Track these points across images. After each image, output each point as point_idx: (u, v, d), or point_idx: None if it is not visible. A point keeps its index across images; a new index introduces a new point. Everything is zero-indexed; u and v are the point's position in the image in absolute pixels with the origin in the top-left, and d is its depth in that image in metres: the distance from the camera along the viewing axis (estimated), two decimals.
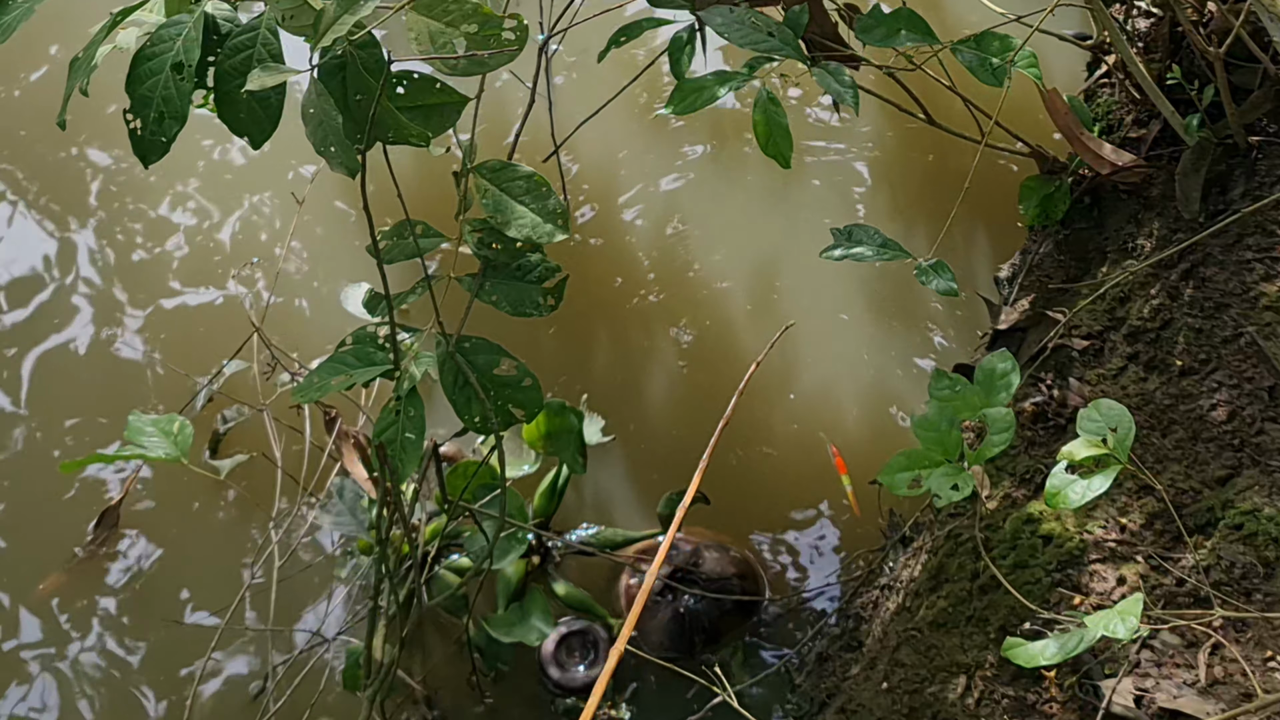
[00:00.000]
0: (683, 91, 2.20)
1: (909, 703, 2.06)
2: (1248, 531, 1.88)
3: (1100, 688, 1.83)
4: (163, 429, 2.32)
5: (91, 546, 2.63)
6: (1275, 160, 2.26)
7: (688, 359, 2.84)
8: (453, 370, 1.77)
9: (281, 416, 2.68)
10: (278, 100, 1.62)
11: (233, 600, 2.46)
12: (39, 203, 3.12)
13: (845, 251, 2.16)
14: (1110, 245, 2.46)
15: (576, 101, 3.09)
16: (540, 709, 2.45)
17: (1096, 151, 2.42)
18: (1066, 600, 1.95)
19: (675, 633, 2.43)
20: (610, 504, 2.68)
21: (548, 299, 1.81)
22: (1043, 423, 2.24)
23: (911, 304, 2.83)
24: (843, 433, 2.70)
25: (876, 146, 3.06)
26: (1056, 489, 1.81)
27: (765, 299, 2.89)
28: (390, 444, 1.77)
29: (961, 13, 3.17)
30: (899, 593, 2.28)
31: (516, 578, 2.52)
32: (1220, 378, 2.08)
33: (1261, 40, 2.24)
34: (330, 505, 2.54)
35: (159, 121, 1.58)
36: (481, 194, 1.70)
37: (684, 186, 3.06)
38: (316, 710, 2.35)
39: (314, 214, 3.00)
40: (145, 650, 2.54)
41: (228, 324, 2.86)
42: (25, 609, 2.59)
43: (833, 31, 2.30)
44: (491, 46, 1.53)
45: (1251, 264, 2.16)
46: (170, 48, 1.58)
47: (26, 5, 1.65)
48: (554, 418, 2.43)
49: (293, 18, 1.57)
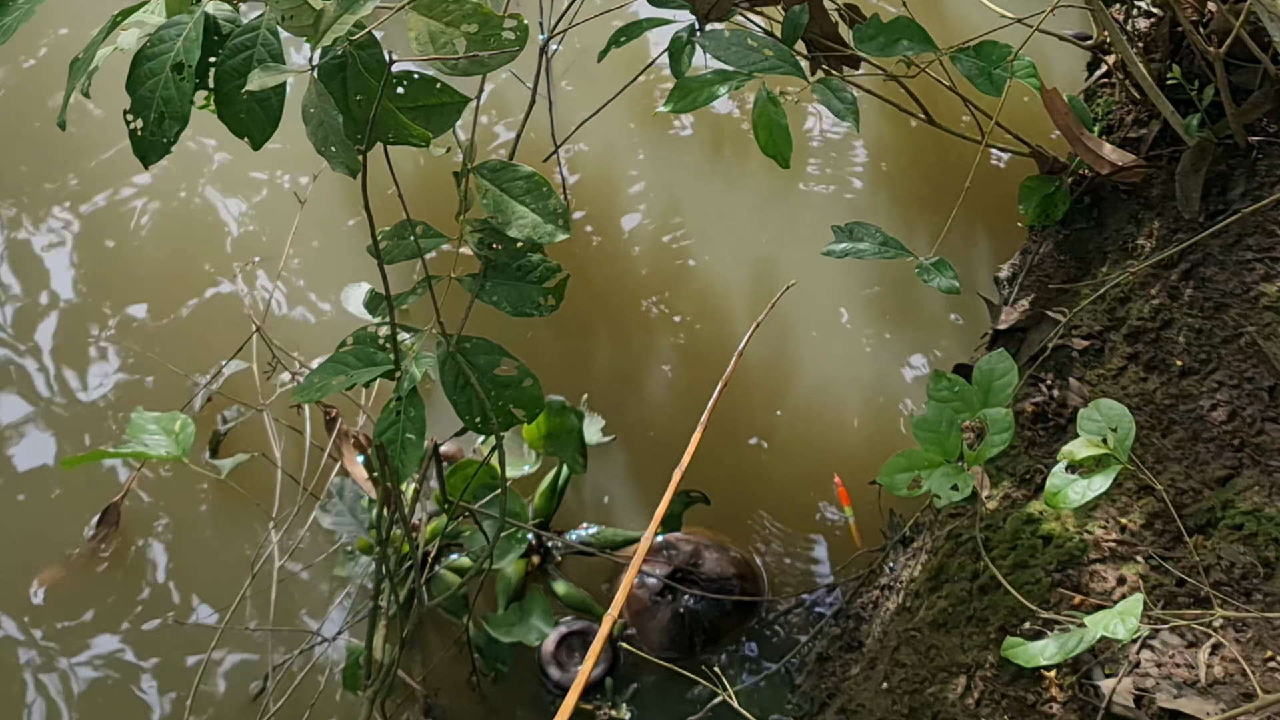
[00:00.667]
0: (682, 90, 2.20)
1: (909, 703, 2.06)
2: (1248, 531, 1.89)
3: (1100, 688, 1.83)
4: (165, 427, 2.33)
5: (92, 544, 2.63)
6: (1275, 160, 2.26)
7: (688, 358, 2.84)
8: (453, 370, 1.77)
9: (281, 416, 2.68)
10: (278, 101, 1.62)
11: (233, 600, 2.46)
12: (38, 201, 3.11)
13: (846, 248, 2.16)
14: (1110, 245, 2.46)
15: (578, 102, 3.09)
16: (540, 709, 2.45)
17: (1096, 151, 2.42)
18: (1066, 600, 1.95)
19: (675, 633, 2.43)
20: (610, 504, 2.68)
21: (548, 299, 1.81)
22: (1043, 423, 2.24)
23: (911, 305, 2.83)
24: (842, 433, 2.70)
25: (877, 146, 3.06)
26: (1056, 489, 1.81)
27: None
28: (390, 444, 1.77)
29: (962, 14, 3.16)
30: (899, 593, 2.28)
31: (516, 577, 2.52)
32: (1220, 378, 2.08)
33: (1261, 40, 2.24)
34: (330, 505, 2.54)
35: (159, 122, 1.58)
36: (482, 194, 1.70)
37: (685, 186, 3.06)
38: (316, 710, 2.35)
39: (315, 213, 2.99)
40: (145, 649, 2.54)
41: (227, 324, 2.86)
42: (23, 605, 2.59)
43: (833, 31, 2.30)
44: (492, 46, 1.53)
45: (1251, 264, 2.16)
46: (170, 48, 1.58)
47: (26, 6, 1.65)
48: (554, 417, 2.43)
49: (292, 18, 1.57)
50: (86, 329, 2.91)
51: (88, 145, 3.17)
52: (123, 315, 2.93)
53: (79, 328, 2.92)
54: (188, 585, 2.61)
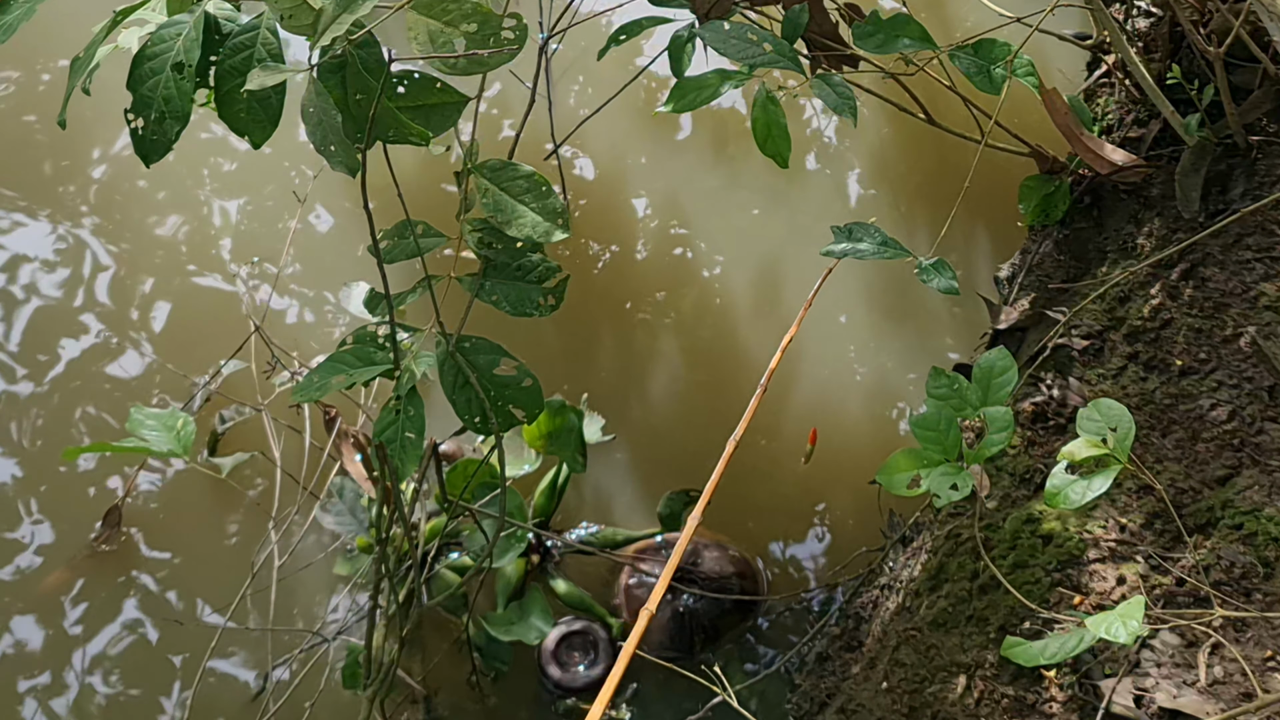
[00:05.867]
0: (682, 89, 2.20)
1: (909, 702, 2.06)
2: (1248, 531, 1.89)
3: (1100, 688, 1.83)
4: (165, 423, 2.33)
5: (94, 544, 2.63)
6: (1275, 160, 2.26)
7: (689, 357, 2.84)
8: (453, 370, 1.77)
9: (281, 416, 2.68)
10: (278, 99, 1.62)
11: (233, 599, 2.46)
12: (38, 201, 3.11)
13: (846, 249, 2.16)
14: (1110, 245, 2.46)
15: (579, 101, 3.09)
16: (540, 709, 2.45)
17: (1096, 151, 2.42)
18: (1066, 600, 1.95)
19: (675, 632, 2.43)
20: (610, 503, 2.68)
21: (548, 299, 1.81)
22: (1042, 422, 2.24)
23: (911, 305, 2.83)
24: (843, 433, 2.70)
25: (878, 146, 3.06)
26: (1056, 489, 1.81)
27: (766, 298, 2.89)
28: (390, 443, 1.76)
29: (962, 13, 3.16)
30: (899, 592, 2.28)
31: (516, 577, 2.52)
32: (1220, 378, 2.08)
33: (1261, 40, 2.24)
34: (330, 505, 2.54)
35: (160, 121, 1.58)
36: (482, 193, 1.70)
37: (685, 186, 3.05)
38: (316, 710, 2.35)
39: (315, 213, 2.99)
40: (145, 649, 2.54)
41: (227, 323, 2.86)
42: (28, 606, 2.59)
43: (833, 31, 2.30)
44: (491, 46, 1.53)
45: (1251, 264, 2.16)
46: (171, 47, 1.58)
47: (28, 5, 1.65)
48: (554, 417, 2.43)
49: (291, 17, 1.57)
50: (85, 327, 2.91)
51: (86, 147, 3.17)
52: (122, 314, 2.93)
53: (78, 326, 2.91)
54: (188, 585, 2.61)
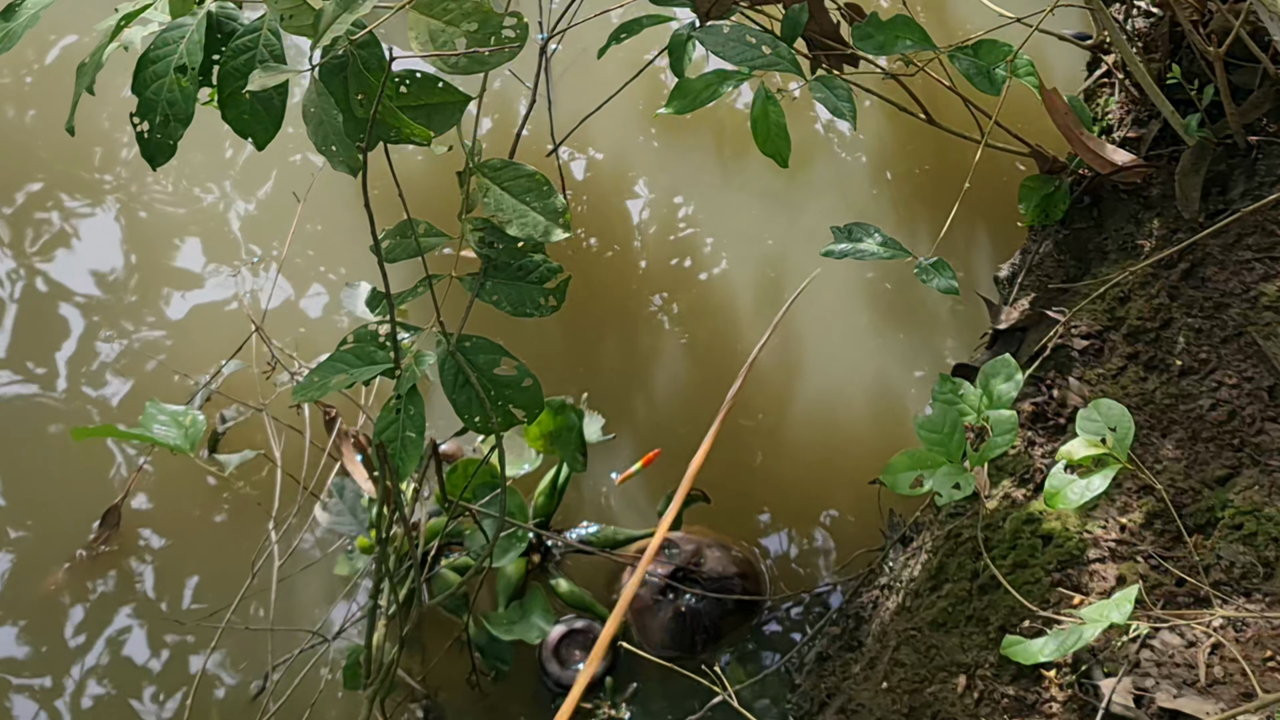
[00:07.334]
0: (683, 90, 2.20)
1: (909, 702, 2.06)
2: (1248, 531, 1.89)
3: (1100, 687, 1.83)
4: (177, 420, 2.35)
5: (93, 544, 2.63)
6: (1275, 160, 2.26)
7: (689, 357, 2.84)
8: (453, 370, 1.77)
9: (281, 416, 2.68)
10: (280, 100, 1.62)
11: (233, 600, 2.46)
12: (38, 201, 3.11)
13: (846, 249, 2.16)
14: (1110, 245, 2.46)
15: (579, 100, 3.09)
16: (540, 708, 2.45)
17: (1096, 151, 2.42)
18: (1066, 600, 1.95)
19: (676, 632, 2.43)
20: (610, 503, 2.68)
21: (549, 299, 1.81)
22: (1042, 422, 2.24)
23: (912, 305, 2.83)
24: (843, 433, 2.70)
25: (878, 146, 3.06)
26: (1056, 489, 1.81)
27: (767, 298, 2.89)
28: (390, 443, 1.76)
29: (963, 14, 3.16)
30: (899, 592, 2.28)
31: (517, 576, 2.52)
32: (1220, 378, 2.09)
33: (1261, 40, 2.24)
34: (330, 505, 2.54)
35: (164, 124, 1.59)
36: (483, 193, 1.70)
37: (686, 186, 3.06)
38: (316, 710, 2.35)
39: (315, 212, 2.99)
40: (145, 649, 2.54)
41: (226, 323, 2.86)
42: (28, 606, 2.59)
43: (833, 30, 2.30)
44: (492, 45, 1.53)
45: (1251, 264, 2.16)
46: (174, 50, 1.58)
47: (33, 13, 1.65)
48: (554, 416, 2.43)
49: (292, 17, 1.57)
50: (84, 327, 2.91)
51: (87, 148, 3.17)
52: (122, 314, 2.93)
53: (76, 326, 2.92)
54: (188, 585, 2.61)
